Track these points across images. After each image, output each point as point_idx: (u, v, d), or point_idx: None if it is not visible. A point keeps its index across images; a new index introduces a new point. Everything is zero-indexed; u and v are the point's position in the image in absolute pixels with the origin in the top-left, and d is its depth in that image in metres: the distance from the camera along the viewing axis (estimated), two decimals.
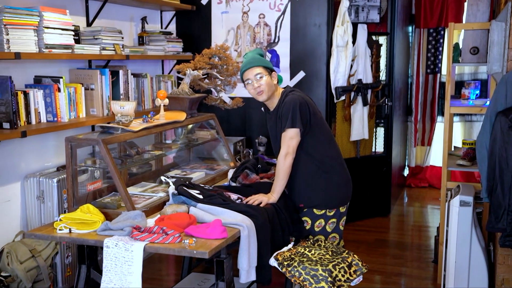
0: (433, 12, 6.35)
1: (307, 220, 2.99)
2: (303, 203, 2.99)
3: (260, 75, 2.89)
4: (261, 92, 2.91)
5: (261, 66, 2.90)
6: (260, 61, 2.93)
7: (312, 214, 2.98)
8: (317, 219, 2.98)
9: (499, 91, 3.02)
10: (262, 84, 2.89)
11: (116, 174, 2.75)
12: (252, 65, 2.91)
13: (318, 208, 2.97)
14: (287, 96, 2.93)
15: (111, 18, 4.11)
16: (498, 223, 3.00)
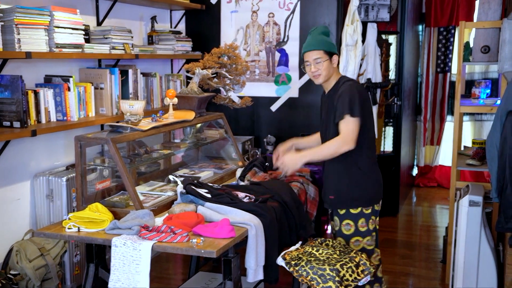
0: (444, 11, 6.30)
1: (350, 223, 2.88)
2: (334, 196, 2.90)
3: (319, 59, 2.80)
4: (317, 76, 2.85)
5: (321, 50, 2.80)
6: (321, 44, 2.81)
7: (351, 214, 2.88)
8: (359, 218, 2.89)
9: (510, 90, 2.99)
10: (320, 69, 2.81)
11: (125, 173, 2.76)
12: (311, 48, 2.81)
13: (345, 206, 2.88)
14: (346, 82, 2.84)
15: (121, 17, 4.13)
16: (507, 223, 2.97)
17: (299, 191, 3.35)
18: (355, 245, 2.90)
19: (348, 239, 2.90)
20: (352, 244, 2.90)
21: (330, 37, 2.92)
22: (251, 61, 4.81)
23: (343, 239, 2.91)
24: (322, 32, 2.87)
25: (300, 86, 4.70)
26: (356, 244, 2.90)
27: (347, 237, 2.90)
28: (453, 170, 3.77)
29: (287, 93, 4.74)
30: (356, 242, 2.90)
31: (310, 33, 2.90)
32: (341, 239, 2.92)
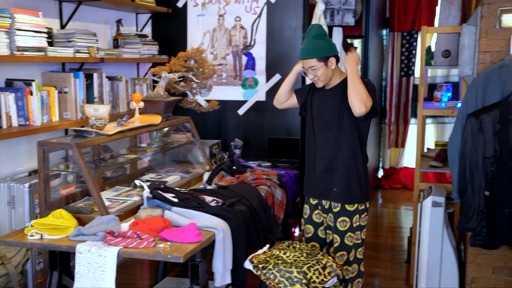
0: (407, 16, 6.44)
1: (345, 219, 2.90)
2: (338, 188, 2.89)
3: (314, 67, 2.83)
4: (316, 82, 2.90)
5: (314, 59, 2.80)
6: (313, 52, 2.80)
7: (347, 211, 2.90)
8: (354, 215, 2.91)
9: (470, 93, 3.08)
10: (317, 75, 2.85)
11: (90, 178, 2.72)
12: (304, 58, 2.84)
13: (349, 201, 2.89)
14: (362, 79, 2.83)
15: (85, 20, 4.07)
16: (468, 223, 3.06)
17: (266, 194, 3.37)
18: (348, 240, 2.92)
19: (342, 235, 2.91)
20: (346, 239, 2.91)
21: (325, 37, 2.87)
22: (218, 64, 4.81)
23: (337, 235, 2.92)
24: (315, 36, 2.83)
25: (267, 89, 4.72)
26: (349, 239, 2.92)
27: (342, 233, 2.91)
28: (416, 172, 3.85)
29: (254, 96, 4.76)
30: (349, 237, 2.92)
31: (305, 36, 2.89)
32: (336, 235, 2.92)
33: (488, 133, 2.97)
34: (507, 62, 2.98)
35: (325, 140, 2.92)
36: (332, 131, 2.90)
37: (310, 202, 3.05)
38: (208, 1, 4.79)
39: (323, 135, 2.94)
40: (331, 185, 2.92)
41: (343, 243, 2.91)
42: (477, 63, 3.18)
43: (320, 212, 3.02)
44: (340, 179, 2.89)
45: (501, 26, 3.08)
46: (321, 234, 3.03)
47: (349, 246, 2.92)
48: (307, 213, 3.06)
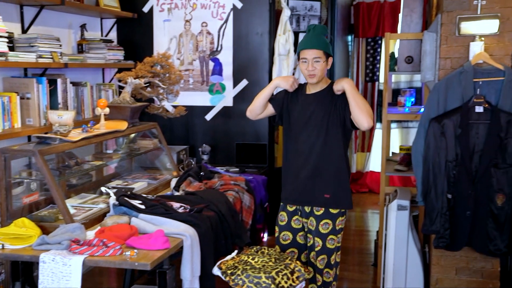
0: (371, 22, 6.56)
1: (328, 222, 2.90)
2: (330, 194, 2.88)
3: (318, 59, 2.81)
4: (313, 75, 2.85)
5: (321, 51, 2.81)
6: (322, 44, 2.82)
7: (331, 214, 2.90)
8: (337, 217, 2.92)
9: (432, 98, 3.16)
10: (317, 68, 2.82)
11: (54, 185, 2.67)
12: (313, 47, 2.81)
13: (341, 206, 2.91)
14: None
15: (48, 25, 3.99)
16: (432, 226, 3.13)
17: (234, 200, 3.37)
18: (330, 243, 2.92)
19: (324, 238, 2.91)
20: (327, 242, 2.91)
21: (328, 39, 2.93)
22: (185, 70, 4.80)
23: (319, 238, 2.91)
24: (322, 33, 2.87)
25: (234, 95, 4.73)
26: (331, 242, 2.92)
27: (324, 236, 2.91)
28: (382, 176, 3.91)
29: (222, 102, 4.76)
30: (331, 240, 2.92)
31: (310, 30, 2.88)
32: (318, 238, 2.92)
33: (450, 138, 3.05)
34: (466, 68, 3.07)
35: (311, 147, 2.89)
36: (319, 137, 2.87)
37: (287, 209, 3.01)
38: (174, 7, 4.77)
39: (307, 142, 2.90)
40: (318, 191, 2.89)
41: (325, 246, 2.91)
42: (438, 69, 3.26)
43: (299, 218, 3.00)
44: (329, 185, 2.88)
45: (460, 33, 3.18)
46: (300, 240, 3.02)
47: (331, 249, 2.92)
48: (285, 220, 3.02)
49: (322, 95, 2.91)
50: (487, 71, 3.05)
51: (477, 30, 3.14)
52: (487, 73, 3.05)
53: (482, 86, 3.05)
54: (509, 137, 2.96)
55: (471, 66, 3.06)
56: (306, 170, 2.90)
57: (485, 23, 3.12)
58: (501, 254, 3.10)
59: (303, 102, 2.95)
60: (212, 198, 3.15)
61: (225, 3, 4.67)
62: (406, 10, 3.95)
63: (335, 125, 2.86)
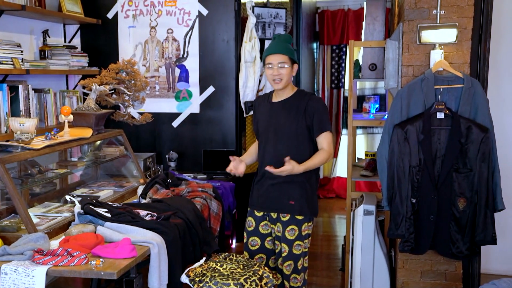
0: (336, 30, 6.66)
1: (294, 228, 2.91)
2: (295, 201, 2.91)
3: (283, 64, 2.87)
4: (279, 80, 2.89)
5: (286, 56, 2.88)
6: (287, 50, 2.90)
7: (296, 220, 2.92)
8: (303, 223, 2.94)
9: (395, 105, 3.23)
10: (282, 73, 2.87)
11: (15, 194, 2.61)
12: (279, 52, 2.88)
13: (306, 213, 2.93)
14: (313, 95, 2.98)
15: (8, 30, 3.90)
16: (397, 230, 3.19)
17: (202, 207, 3.35)
18: (296, 249, 2.93)
19: (291, 244, 2.93)
20: (294, 248, 2.93)
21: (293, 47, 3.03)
22: (151, 77, 4.76)
23: (286, 244, 2.93)
24: (286, 40, 2.96)
25: (201, 102, 4.72)
26: (297, 248, 2.94)
27: (290, 242, 2.92)
28: (348, 181, 3.96)
29: (188, 108, 4.74)
30: (297, 246, 2.94)
31: (275, 38, 2.96)
32: (284, 244, 2.93)
33: (413, 143, 3.12)
34: (427, 75, 3.15)
35: (277, 154, 2.90)
36: (285, 144, 2.91)
37: (255, 215, 3.03)
38: (139, 13, 4.74)
39: (274, 149, 2.93)
40: (286, 197, 2.92)
41: (291, 252, 2.93)
42: (401, 76, 3.34)
43: (268, 223, 3.02)
44: (297, 191, 2.91)
45: (420, 41, 3.26)
46: (268, 245, 3.03)
47: (297, 255, 2.94)
48: (253, 225, 3.04)
49: (288, 102, 2.95)
50: (447, 79, 3.14)
51: (437, 39, 3.23)
52: (447, 81, 3.14)
53: (443, 93, 3.14)
54: (469, 143, 3.05)
55: (432, 73, 3.15)
56: (275, 176, 2.90)
57: (444, 32, 3.22)
58: (463, 257, 3.18)
59: (270, 110, 2.99)
60: (180, 205, 3.13)
61: (191, 10, 4.66)
62: (369, 18, 4.03)
63: (302, 132, 2.90)
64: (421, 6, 3.25)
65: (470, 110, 3.10)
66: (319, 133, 2.91)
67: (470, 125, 3.05)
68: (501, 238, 3.27)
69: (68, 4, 4.40)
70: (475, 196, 3.08)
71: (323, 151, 2.91)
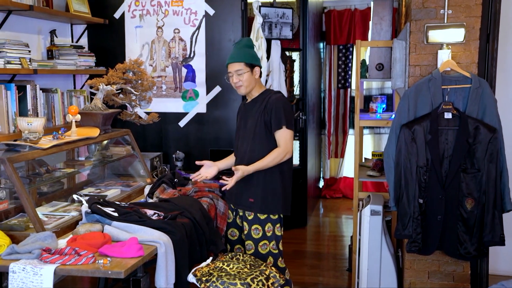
0: (342, 30, 6.65)
1: (258, 227, 3.01)
2: (254, 199, 3.00)
3: (240, 71, 2.97)
4: (239, 86, 3.01)
5: (242, 63, 2.97)
6: (243, 56, 2.98)
7: (259, 219, 3.01)
8: (266, 223, 3.02)
9: (402, 105, 3.22)
10: (241, 80, 2.99)
11: (23, 193, 2.62)
12: (233, 60, 2.99)
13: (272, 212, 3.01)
14: (275, 94, 3.05)
15: (16, 30, 3.92)
16: (404, 230, 3.18)
17: (208, 206, 3.35)
18: (262, 248, 3.02)
19: (256, 243, 3.03)
20: (260, 247, 3.02)
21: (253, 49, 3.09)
22: (158, 76, 4.77)
23: (252, 241, 3.03)
24: (245, 45, 3.04)
25: (207, 101, 4.72)
26: (263, 247, 3.03)
27: (256, 240, 3.03)
28: (355, 181, 3.96)
29: (195, 108, 4.75)
30: (263, 245, 3.03)
31: (234, 45, 3.06)
32: (250, 242, 3.03)
33: (420, 143, 3.11)
34: (434, 75, 3.14)
35: (243, 153, 3.06)
36: (247, 143, 3.04)
37: (232, 208, 3.22)
38: (146, 13, 4.75)
39: (241, 148, 3.08)
40: (246, 195, 3.03)
41: (257, 251, 3.02)
42: (408, 76, 3.32)
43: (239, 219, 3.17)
44: (255, 190, 3.00)
45: (428, 41, 3.25)
46: (244, 237, 3.15)
47: (263, 255, 3.02)
48: (231, 217, 3.23)
49: (252, 103, 3.09)
50: (455, 79, 3.12)
51: (444, 39, 3.22)
52: (455, 81, 3.12)
53: (450, 93, 3.12)
54: (476, 143, 3.03)
55: (439, 73, 3.13)
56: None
57: (451, 32, 3.20)
58: (471, 258, 3.16)
59: (243, 111, 3.17)
60: (186, 205, 3.13)
61: (197, 10, 4.67)
62: (376, 18, 4.02)
63: (262, 131, 3.00)
64: (428, 5, 3.24)
65: (478, 110, 3.08)
66: (276, 130, 2.98)
67: (478, 125, 3.03)
68: (509, 238, 3.25)
69: (75, 4, 4.42)
70: (483, 196, 3.06)
71: (276, 149, 2.98)
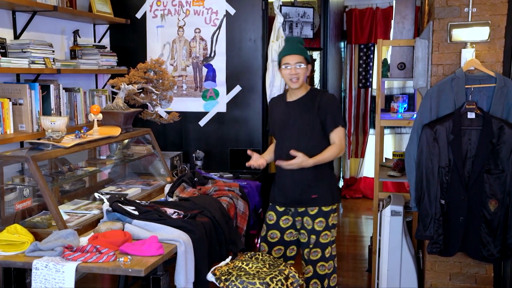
0: (363, 29, 6.60)
1: (322, 220, 3.02)
2: (317, 194, 3.02)
3: (300, 64, 2.99)
4: (296, 79, 3.00)
5: (303, 56, 3.01)
6: (303, 51, 3.03)
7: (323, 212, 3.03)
8: (329, 214, 3.05)
9: (424, 105, 3.18)
10: (299, 73, 3.00)
11: (47, 191, 2.65)
12: (295, 52, 3.00)
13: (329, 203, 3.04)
14: (326, 92, 3.10)
15: (40, 31, 3.99)
16: (426, 231, 3.14)
17: (228, 206, 3.36)
18: (323, 238, 3.04)
19: (318, 235, 3.03)
20: (321, 237, 3.03)
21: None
22: (178, 76, 4.80)
23: (314, 235, 3.02)
24: (300, 42, 3.10)
25: (227, 101, 4.73)
26: (324, 237, 3.04)
27: (318, 232, 3.02)
28: (376, 182, 3.92)
29: (215, 108, 4.76)
30: (325, 235, 3.04)
31: (288, 40, 3.11)
32: (313, 235, 3.03)
33: (443, 143, 3.06)
34: (458, 74, 3.09)
35: (298, 150, 2.97)
36: (303, 141, 3.01)
37: (276, 209, 3.14)
38: (168, 13, 4.78)
39: (292, 146, 3.01)
40: (308, 192, 3.02)
41: (318, 241, 3.03)
42: (430, 75, 3.28)
43: (289, 218, 3.12)
44: (318, 186, 3.02)
45: (451, 40, 3.20)
46: (287, 238, 3.14)
47: (325, 244, 3.03)
48: (274, 219, 3.15)
49: (303, 101, 3.06)
50: (479, 78, 3.07)
51: (468, 37, 3.17)
52: (479, 80, 3.07)
53: (474, 92, 3.07)
54: (501, 143, 2.98)
55: (462, 72, 3.08)
56: (295, 173, 3.01)
57: (476, 30, 3.15)
58: (494, 260, 3.11)
59: (285, 110, 3.11)
60: (206, 204, 3.14)
61: (218, 10, 4.68)
62: (398, 17, 3.98)
63: (316, 128, 3.01)
64: (452, 4, 3.19)
65: (502, 110, 3.03)
66: (332, 129, 3.00)
67: (502, 125, 2.98)
68: None
69: (98, 5, 4.47)
70: (507, 198, 3.01)
71: (334, 145, 3.01)
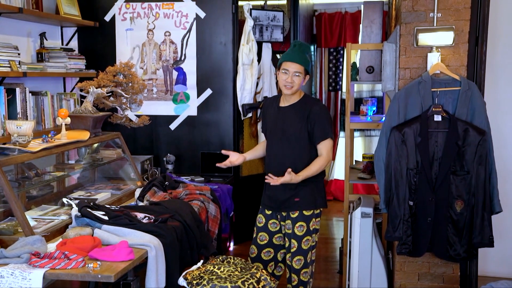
0: (333, 33, 6.67)
1: (302, 224, 3.02)
2: (300, 197, 3.02)
3: (298, 73, 2.97)
4: (290, 87, 2.99)
5: (303, 67, 2.99)
6: (305, 61, 3.01)
7: (304, 216, 3.02)
8: (311, 219, 3.04)
9: (392, 107, 3.24)
10: (295, 82, 2.98)
11: (12, 197, 2.60)
12: (297, 61, 2.98)
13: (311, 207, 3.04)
14: (317, 102, 3.09)
15: (5, 33, 3.90)
16: (395, 233, 3.19)
17: (199, 209, 3.35)
18: (305, 244, 3.03)
19: (300, 240, 3.02)
20: (303, 243, 3.02)
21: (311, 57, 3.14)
22: (148, 79, 4.76)
23: (295, 240, 3.02)
24: (305, 51, 3.07)
25: (198, 104, 4.71)
26: (306, 243, 3.03)
27: (299, 237, 3.02)
28: (346, 184, 3.96)
29: (186, 111, 4.74)
30: (306, 241, 3.03)
31: (295, 45, 3.05)
32: (294, 240, 3.02)
33: (410, 146, 3.12)
34: (424, 78, 3.16)
35: (283, 157, 3.03)
36: (291, 148, 3.02)
37: (265, 213, 3.16)
38: (137, 16, 4.74)
39: (281, 152, 3.04)
40: (292, 196, 3.02)
41: (300, 247, 3.03)
42: (398, 78, 3.34)
43: (276, 221, 3.13)
44: (301, 190, 3.01)
45: (418, 44, 3.27)
46: (276, 241, 3.15)
47: (306, 250, 3.04)
48: (263, 222, 3.16)
49: (294, 108, 3.06)
50: (444, 81, 3.15)
51: (434, 42, 3.24)
52: (444, 83, 3.15)
53: (440, 95, 3.15)
54: (466, 145, 3.06)
55: (429, 76, 3.15)
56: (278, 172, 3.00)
57: (441, 35, 3.23)
58: (460, 259, 3.18)
59: (277, 114, 3.11)
60: (177, 208, 3.13)
61: (188, 13, 4.67)
62: (366, 21, 4.03)
63: (303, 138, 3.01)
64: (418, 9, 3.26)
65: (467, 112, 3.11)
66: (320, 141, 3.01)
67: (467, 127, 3.05)
68: (498, 240, 3.27)
69: (65, 7, 4.40)
70: (472, 198, 3.08)
71: (321, 158, 3.01)
